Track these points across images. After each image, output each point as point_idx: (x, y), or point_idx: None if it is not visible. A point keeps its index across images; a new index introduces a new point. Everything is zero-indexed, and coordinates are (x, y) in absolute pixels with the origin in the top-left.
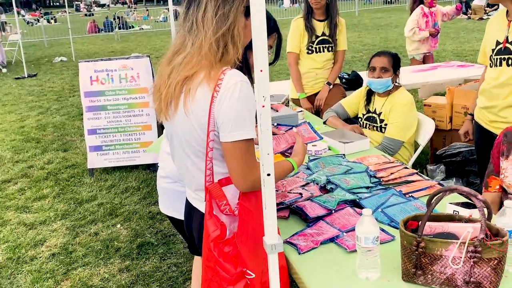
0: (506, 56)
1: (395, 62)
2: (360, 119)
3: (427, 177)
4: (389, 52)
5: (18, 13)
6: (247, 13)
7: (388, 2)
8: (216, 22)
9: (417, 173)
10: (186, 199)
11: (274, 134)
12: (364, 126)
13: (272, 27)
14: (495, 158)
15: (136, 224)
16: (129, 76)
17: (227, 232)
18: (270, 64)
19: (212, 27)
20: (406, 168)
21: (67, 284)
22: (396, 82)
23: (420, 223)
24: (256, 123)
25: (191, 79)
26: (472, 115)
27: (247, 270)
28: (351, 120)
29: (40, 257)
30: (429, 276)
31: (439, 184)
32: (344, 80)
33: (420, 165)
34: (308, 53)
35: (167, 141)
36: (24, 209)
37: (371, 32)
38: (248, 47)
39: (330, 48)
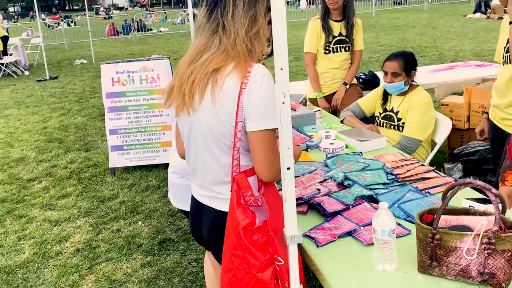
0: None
1: (407, 65)
2: (377, 118)
3: (443, 174)
4: (401, 54)
5: (39, 16)
6: (268, 9)
7: (398, 3)
8: (248, 22)
9: (433, 170)
10: (192, 196)
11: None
12: (381, 125)
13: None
14: (511, 153)
15: (156, 221)
16: (149, 77)
17: (257, 221)
18: (267, 56)
19: (244, 27)
20: (422, 165)
21: (91, 279)
22: (411, 82)
23: (435, 216)
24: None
25: (218, 71)
26: (488, 113)
27: (278, 257)
28: (368, 119)
29: (65, 253)
30: (444, 267)
31: (455, 181)
32: (361, 80)
33: (437, 164)
34: (325, 53)
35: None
36: (49, 206)
37: (388, 33)
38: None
39: (347, 48)
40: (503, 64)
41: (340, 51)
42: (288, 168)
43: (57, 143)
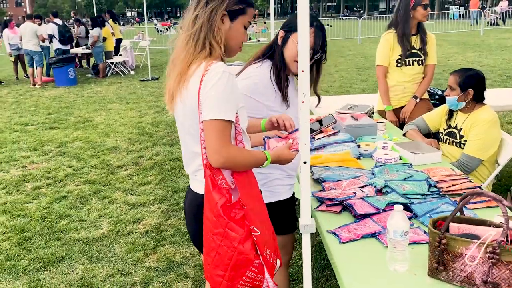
0: None
1: (465, 81)
2: (441, 134)
3: (490, 193)
4: (463, 70)
5: (147, 22)
6: (232, 17)
7: (493, 24)
8: (191, 23)
9: (479, 187)
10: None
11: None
12: (444, 141)
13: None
14: None
15: (178, 218)
16: None
17: (233, 198)
18: (317, 61)
19: (188, 25)
20: (470, 182)
21: (154, 258)
22: (469, 100)
23: (445, 221)
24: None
25: (186, 72)
26: None
27: (254, 228)
28: (434, 135)
29: (136, 233)
30: (450, 272)
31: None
32: (437, 97)
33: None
34: (397, 66)
35: None
36: (130, 191)
37: (494, 53)
38: (284, 43)
39: (420, 62)
40: None
41: (413, 64)
42: (305, 162)
43: (147, 137)
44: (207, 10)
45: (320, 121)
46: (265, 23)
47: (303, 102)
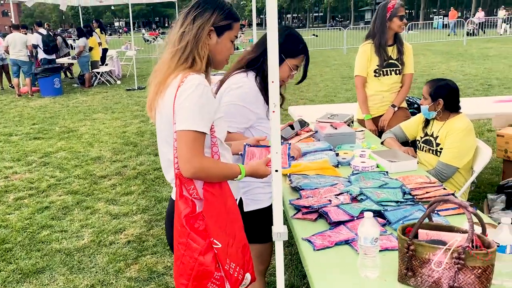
0: None
1: (436, 91)
2: (418, 142)
3: (461, 199)
4: (436, 80)
5: (132, 31)
6: (218, 33)
7: (470, 34)
8: (177, 39)
9: (453, 194)
10: None
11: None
12: (421, 149)
13: (301, 49)
14: None
15: None
16: (214, 90)
17: (197, 209)
18: (298, 83)
19: (175, 41)
20: (444, 189)
21: (135, 268)
22: (439, 110)
23: (413, 228)
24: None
25: (164, 83)
26: None
27: (214, 240)
28: (412, 143)
29: (117, 243)
30: (419, 278)
31: (471, 205)
32: (416, 105)
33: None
34: (375, 76)
35: None
36: (113, 201)
37: (476, 62)
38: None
39: (397, 72)
40: None
41: (391, 74)
42: (276, 171)
43: (132, 147)
44: (194, 27)
45: (291, 126)
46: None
47: (273, 112)
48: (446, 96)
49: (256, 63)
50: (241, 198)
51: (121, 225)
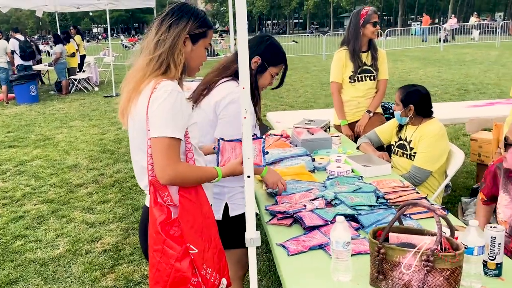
0: None
1: (406, 98)
2: (393, 146)
3: (433, 203)
4: (407, 86)
5: (109, 38)
6: (194, 40)
7: (443, 40)
8: (153, 46)
9: (425, 198)
10: None
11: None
12: (396, 153)
13: (281, 57)
14: (487, 181)
15: None
16: None
17: (172, 215)
18: (275, 88)
19: (150, 49)
20: (417, 193)
21: (111, 277)
22: (411, 116)
23: (383, 231)
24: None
25: (137, 90)
26: None
27: (191, 245)
28: (387, 148)
29: (93, 252)
30: (389, 281)
31: (442, 209)
32: (391, 111)
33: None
34: (350, 82)
35: None
36: (89, 210)
37: (453, 68)
38: (260, 72)
39: (372, 77)
40: None
41: (365, 80)
42: (248, 176)
43: (109, 154)
44: (170, 35)
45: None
46: (235, 39)
47: (245, 118)
48: (416, 102)
49: None
50: (226, 204)
51: (97, 233)
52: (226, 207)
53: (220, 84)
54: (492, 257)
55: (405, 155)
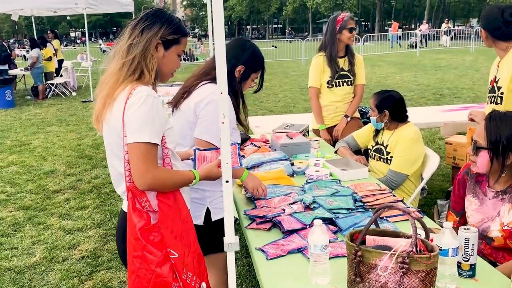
0: (492, 95)
1: (380, 104)
2: (370, 151)
3: (409, 205)
4: (381, 92)
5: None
6: (166, 46)
7: (413, 46)
8: (125, 50)
9: (401, 201)
10: None
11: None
12: (373, 158)
13: (262, 63)
14: (455, 195)
15: None
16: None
17: (152, 221)
18: (256, 91)
19: (122, 53)
20: (394, 196)
21: (89, 284)
22: (385, 121)
23: (360, 234)
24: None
25: (111, 95)
26: None
27: (171, 250)
28: (365, 152)
29: (71, 259)
30: (366, 283)
31: (418, 211)
32: (368, 115)
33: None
34: (328, 87)
35: None
36: (66, 216)
37: (428, 73)
38: (243, 79)
39: (349, 82)
40: (487, 104)
41: (343, 85)
42: (227, 181)
43: (86, 160)
44: (142, 39)
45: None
46: (214, 43)
47: (223, 123)
48: (391, 107)
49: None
50: (208, 208)
51: (75, 240)
52: (208, 212)
53: (201, 86)
54: (466, 258)
55: (382, 159)
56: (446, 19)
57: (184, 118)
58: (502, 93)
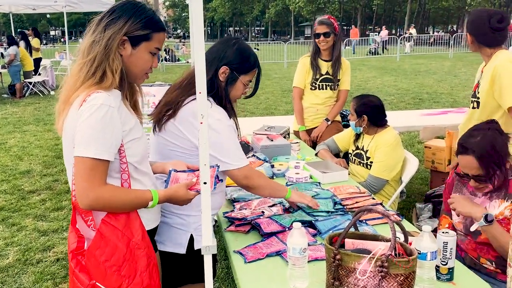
0: (473, 99)
1: (359, 108)
2: (350, 155)
3: (388, 208)
4: (360, 97)
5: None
6: (133, 43)
7: (373, 53)
8: (86, 49)
9: (381, 204)
10: None
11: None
12: (353, 162)
13: (253, 63)
14: (446, 197)
15: None
16: (151, 102)
17: (85, 245)
18: (248, 96)
19: (83, 52)
20: (373, 199)
21: (64, 286)
22: (365, 126)
23: (338, 237)
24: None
25: (67, 101)
26: None
27: (98, 284)
28: (345, 155)
29: (45, 261)
30: (345, 287)
31: (397, 215)
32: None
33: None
34: (311, 89)
35: None
36: (42, 217)
37: (408, 77)
38: (230, 83)
39: (332, 87)
40: (469, 108)
41: (326, 88)
42: (205, 183)
43: (63, 160)
44: (105, 36)
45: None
46: None
47: (201, 123)
48: (369, 112)
49: (212, 89)
50: (191, 236)
51: (50, 242)
52: (191, 239)
53: (186, 105)
54: (444, 262)
55: (361, 164)
56: (412, 25)
57: (167, 141)
58: (479, 98)
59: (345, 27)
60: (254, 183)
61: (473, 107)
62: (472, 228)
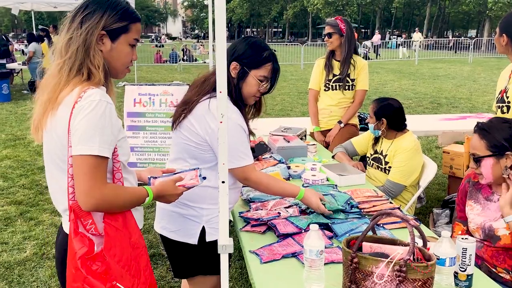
0: (501, 104)
1: (379, 111)
2: (368, 158)
3: (407, 213)
4: (380, 100)
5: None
6: (112, 37)
7: (366, 57)
8: (64, 47)
9: (398, 208)
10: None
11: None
12: (371, 166)
13: (265, 57)
14: (460, 204)
15: (153, 236)
16: (168, 101)
17: (95, 248)
18: (264, 93)
19: (61, 50)
20: (391, 203)
21: None
22: (382, 129)
23: (357, 241)
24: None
25: (53, 100)
26: None
27: (117, 284)
28: (362, 158)
29: None
30: None
31: (416, 220)
32: (366, 121)
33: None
34: (325, 90)
35: None
36: (58, 213)
37: (427, 82)
38: (241, 79)
39: (346, 87)
40: (496, 114)
41: (339, 89)
42: (223, 182)
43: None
44: (82, 32)
45: (252, 149)
46: (213, 45)
47: (221, 122)
48: (389, 116)
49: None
50: (203, 227)
51: None
52: (203, 231)
53: (202, 102)
54: (463, 268)
55: (380, 169)
56: (417, 28)
57: (185, 134)
58: (509, 102)
59: (363, 30)
60: (252, 183)
61: (502, 112)
62: (507, 220)
